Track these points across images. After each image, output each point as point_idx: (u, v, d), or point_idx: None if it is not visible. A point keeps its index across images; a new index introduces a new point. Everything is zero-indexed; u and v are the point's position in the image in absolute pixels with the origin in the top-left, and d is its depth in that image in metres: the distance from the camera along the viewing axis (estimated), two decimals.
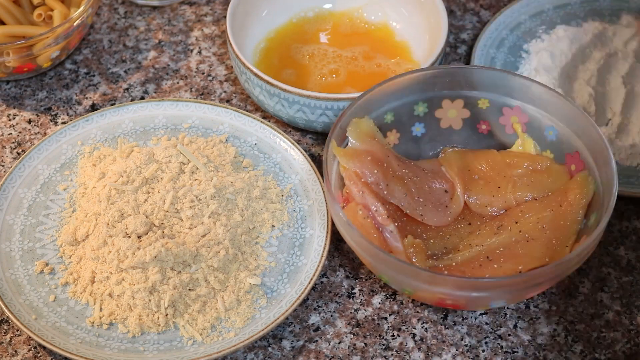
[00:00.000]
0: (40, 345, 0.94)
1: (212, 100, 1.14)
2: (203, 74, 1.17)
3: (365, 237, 0.88)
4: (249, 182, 1.02)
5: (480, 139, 1.03)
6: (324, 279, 0.99)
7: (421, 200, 0.96)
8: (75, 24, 1.11)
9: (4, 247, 0.98)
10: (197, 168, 1.00)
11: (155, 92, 1.15)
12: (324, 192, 1.01)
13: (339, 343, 0.94)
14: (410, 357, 0.93)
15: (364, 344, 0.94)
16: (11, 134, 1.11)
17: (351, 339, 0.94)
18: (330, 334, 0.95)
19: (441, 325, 0.95)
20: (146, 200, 0.97)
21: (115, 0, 1.25)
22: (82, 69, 1.18)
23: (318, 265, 0.95)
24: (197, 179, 0.99)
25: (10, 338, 0.95)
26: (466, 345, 0.94)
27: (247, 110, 1.13)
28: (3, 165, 1.08)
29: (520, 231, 0.94)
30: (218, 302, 0.94)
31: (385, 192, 0.95)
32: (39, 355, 0.93)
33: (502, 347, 0.94)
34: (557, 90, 0.99)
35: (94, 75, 1.17)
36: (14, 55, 1.09)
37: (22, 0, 1.15)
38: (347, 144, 0.98)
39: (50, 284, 0.96)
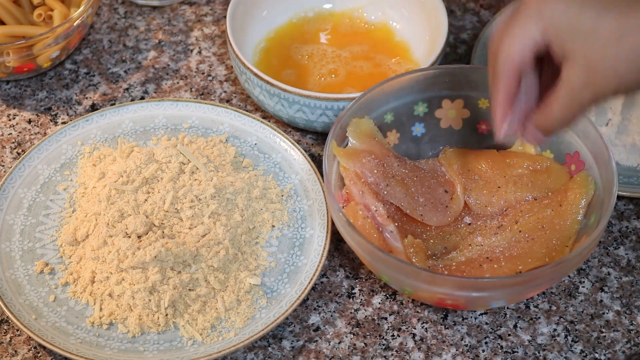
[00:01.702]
0: (40, 345, 0.94)
1: (212, 100, 1.14)
2: (203, 74, 1.17)
3: (365, 237, 0.88)
4: (249, 182, 1.02)
5: (480, 139, 1.03)
6: (324, 279, 0.99)
7: (421, 200, 0.96)
8: (75, 24, 1.11)
9: (4, 247, 0.98)
10: (197, 168, 1.00)
11: (155, 92, 1.15)
12: (324, 192, 1.01)
13: (339, 343, 0.94)
14: (410, 357, 0.93)
15: (364, 344, 0.94)
16: (11, 134, 1.11)
17: (351, 339, 0.94)
18: (330, 334, 0.95)
19: (441, 325, 0.95)
20: (146, 200, 0.97)
21: (115, 0, 1.25)
22: (82, 69, 1.18)
23: (318, 265, 0.95)
24: (197, 179, 0.99)
25: (10, 338, 0.95)
26: (466, 345, 0.94)
27: (247, 110, 1.13)
28: (3, 165, 1.08)
29: (520, 231, 0.94)
30: (218, 302, 0.94)
31: (385, 192, 0.95)
32: (39, 355, 0.93)
33: (502, 347, 0.94)
34: None
35: (94, 75, 1.17)
36: (14, 55, 1.09)
37: (22, 0, 1.15)
38: (347, 144, 0.98)
39: (50, 284, 0.96)
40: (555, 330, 0.95)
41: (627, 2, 0.75)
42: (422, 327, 0.95)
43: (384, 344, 0.94)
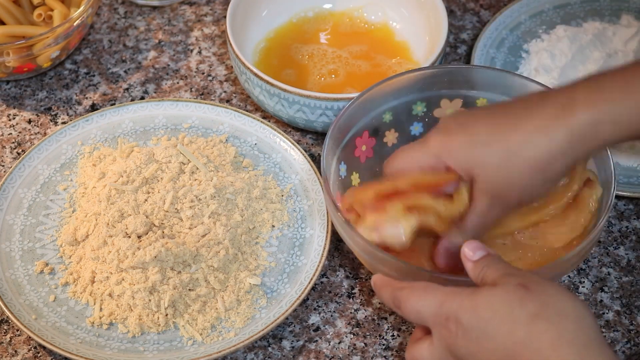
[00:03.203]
0: (40, 345, 0.94)
1: (212, 100, 1.14)
2: (203, 74, 1.17)
3: (362, 237, 0.88)
4: (249, 182, 1.02)
5: None
6: (324, 279, 0.99)
7: None
8: (75, 24, 1.11)
9: (4, 247, 0.98)
10: (197, 168, 1.00)
11: (155, 92, 1.15)
12: (323, 192, 1.01)
13: (339, 343, 0.94)
14: None
15: (364, 344, 0.94)
16: (11, 134, 1.11)
17: (351, 339, 0.94)
18: (330, 334, 0.95)
19: None
20: (146, 200, 0.97)
21: (115, 0, 1.26)
22: (82, 69, 1.18)
23: (318, 265, 0.96)
24: (197, 179, 0.99)
25: (10, 338, 0.95)
26: None
27: (247, 110, 1.13)
28: (3, 165, 1.08)
29: (523, 227, 0.94)
30: (218, 302, 0.94)
31: None
32: (39, 355, 0.94)
33: None
34: None
35: (94, 75, 1.17)
36: (14, 55, 1.10)
37: (22, 0, 1.15)
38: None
39: (50, 284, 0.96)
40: None
41: (512, 123, 0.83)
42: None
43: (384, 344, 0.94)
